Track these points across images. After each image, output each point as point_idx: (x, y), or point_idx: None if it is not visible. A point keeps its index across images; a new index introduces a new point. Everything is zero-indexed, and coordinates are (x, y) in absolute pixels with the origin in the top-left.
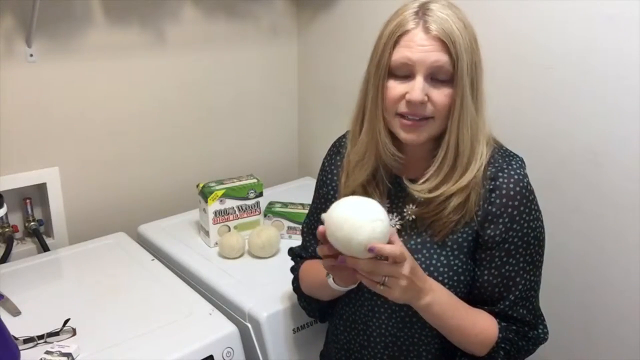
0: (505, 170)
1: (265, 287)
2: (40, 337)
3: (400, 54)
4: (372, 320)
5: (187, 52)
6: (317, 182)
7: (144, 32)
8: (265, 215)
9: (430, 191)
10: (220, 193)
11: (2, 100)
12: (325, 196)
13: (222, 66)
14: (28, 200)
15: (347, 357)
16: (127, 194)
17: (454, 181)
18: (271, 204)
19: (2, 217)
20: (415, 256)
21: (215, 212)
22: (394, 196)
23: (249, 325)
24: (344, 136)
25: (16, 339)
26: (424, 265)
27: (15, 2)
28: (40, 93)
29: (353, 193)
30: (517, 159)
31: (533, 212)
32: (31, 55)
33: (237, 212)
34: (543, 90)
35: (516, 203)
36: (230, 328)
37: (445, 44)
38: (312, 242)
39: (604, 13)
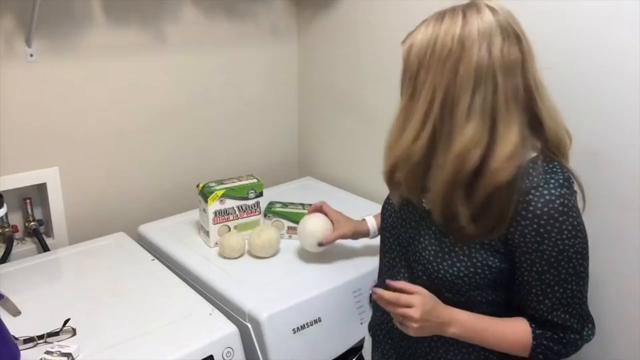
0: (539, 189)
1: (265, 287)
2: (40, 337)
3: None
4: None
5: (187, 52)
6: None
7: (144, 32)
8: (265, 215)
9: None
10: (220, 193)
11: (2, 100)
12: None
13: (222, 66)
14: (28, 200)
15: (387, 321)
16: (127, 194)
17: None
18: (271, 204)
19: (2, 217)
20: (442, 238)
21: (215, 212)
22: None
23: (249, 325)
24: None
25: (16, 339)
26: (446, 249)
27: (15, 2)
28: (40, 93)
29: None
30: (558, 177)
31: (565, 232)
32: (31, 55)
33: (237, 212)
34: None
35: (542, 222)
36: (230, 328)
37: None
38: None
39: (603, 13)
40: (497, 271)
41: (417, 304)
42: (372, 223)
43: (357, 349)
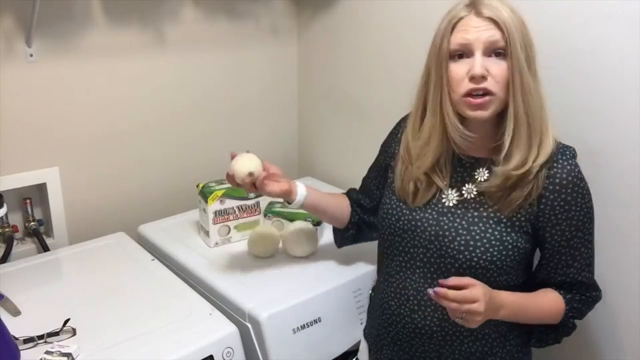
0: (560, 161)
1: (265, 287)
2: (40, 337)
3: (459, 37)
4: (424, 286)
5: (187, 52)
6: (381, 146)
7: (144, 32)
8: (265, 215)
9: (519, 167)
10: (220, 193)
11: (2, 100)
12: (387, 166)
13: (222, 66)
14: (28, 200)
15: (397, 322)
16: (127, 194)
17: (535, 152)
18: (271, 204)
19: (2, 217)
20: (471, 228)
21: (215, 212)
22: (455, 173)
23: (249, 325)
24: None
25: (16, 339)
26: (477, 237)
27: (15, 2)
28: (40, 93)
29: (417, 181)
30: (570, 149)
31: (586, 195)
32: (31, 55)
33: (237, 212)
34: None
35: (569, 190)
36: (230, 328)
37: (497, 22)
38: (360, 193)
39: (603, 12)
40: (524, 252)
41: (480, 297)
42: (302, 190)
43: (353, 352)
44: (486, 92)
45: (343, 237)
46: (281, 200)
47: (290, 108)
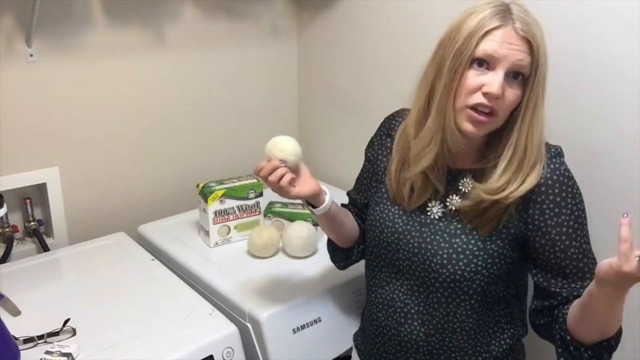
0: (544, 160)
1: (265, 287)
2: (40, 337)
3: (489, 47)
4: (411, 298)
5: (187, 52)
6: (365, 155)
7: (144, 32)
8: (265, 215)
9: (496, 193)
10: (220, 193)
11: (2, 100)
12: (373, 175)
13: (222, 66)
14: (28, 200)
15: (383, 333)
16: (127, 194)
17: (518, 183)
18: (271, 204)
19: (2, 217)
20: (453, 240)
21: (215, 212)
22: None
23: (249, 325)
24: (397, 114)
25: (16, 339)
26: (460, 249)
27: (15, 2)
28: (40, 93)
29: (413, 182)
30: (556, 147)
31: (577, 196)
32: (31, 55)
33: (237, 212)
34: None
35: (557, 190)
36: (230, 328)
37: (531, 46)
38: (349, 207)
39: (603, 12)
40: (510, 261)
41: None
42: (330, 198)
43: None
44: (492, 112)
45: (352, 253)
46: (284, 200)
47: (290, 108)
